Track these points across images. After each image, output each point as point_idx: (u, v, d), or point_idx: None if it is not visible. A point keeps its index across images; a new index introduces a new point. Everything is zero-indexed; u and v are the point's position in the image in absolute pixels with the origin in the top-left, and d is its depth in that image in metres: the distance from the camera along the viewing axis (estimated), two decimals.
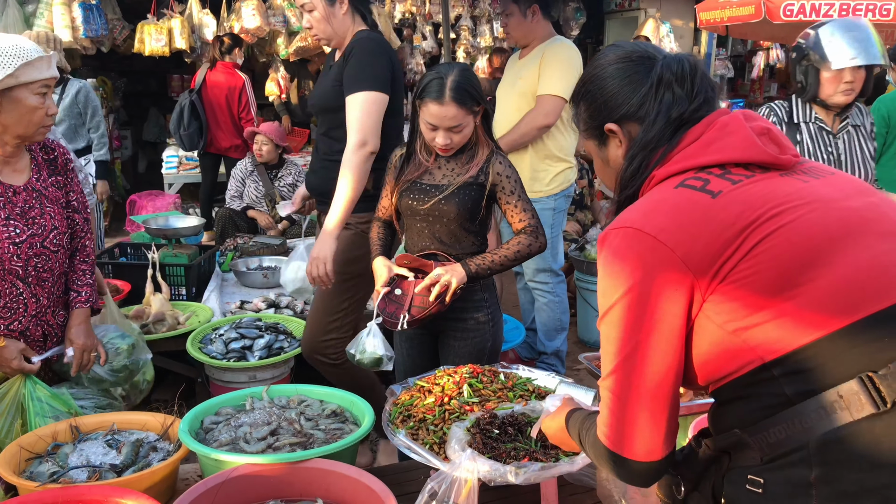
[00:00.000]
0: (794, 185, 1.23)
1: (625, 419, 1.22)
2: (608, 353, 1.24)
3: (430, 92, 2.36)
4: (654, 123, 1.31)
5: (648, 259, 1.19)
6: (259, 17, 6.98)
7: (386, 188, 2.63)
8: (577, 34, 8.64)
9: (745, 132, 1.27)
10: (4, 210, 2.27)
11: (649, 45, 1.41)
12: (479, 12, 8.16)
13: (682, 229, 1.18)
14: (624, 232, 1.23)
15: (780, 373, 1.14)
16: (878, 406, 1.07)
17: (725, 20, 6.03)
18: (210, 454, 1.89)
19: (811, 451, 1.10)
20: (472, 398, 2.02)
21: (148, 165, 10.08)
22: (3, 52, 2.11)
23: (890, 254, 1.15)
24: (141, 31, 6.93)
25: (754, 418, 1.17)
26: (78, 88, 5.17)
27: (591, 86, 1.41)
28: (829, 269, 1.13)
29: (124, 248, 4.63)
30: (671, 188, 1.24)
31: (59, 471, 1.94)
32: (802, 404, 1.11)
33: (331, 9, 2.85)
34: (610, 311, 1.23)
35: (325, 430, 2.10)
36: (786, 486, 1.13)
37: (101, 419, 2.22)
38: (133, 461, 1.98)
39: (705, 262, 1.16)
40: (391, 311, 2.44)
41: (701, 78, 1.33)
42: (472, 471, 1.65)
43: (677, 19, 8.55)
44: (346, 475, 1.83)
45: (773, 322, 1.13)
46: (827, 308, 1.12)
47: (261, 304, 4.07)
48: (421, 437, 1.89)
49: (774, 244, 1.15)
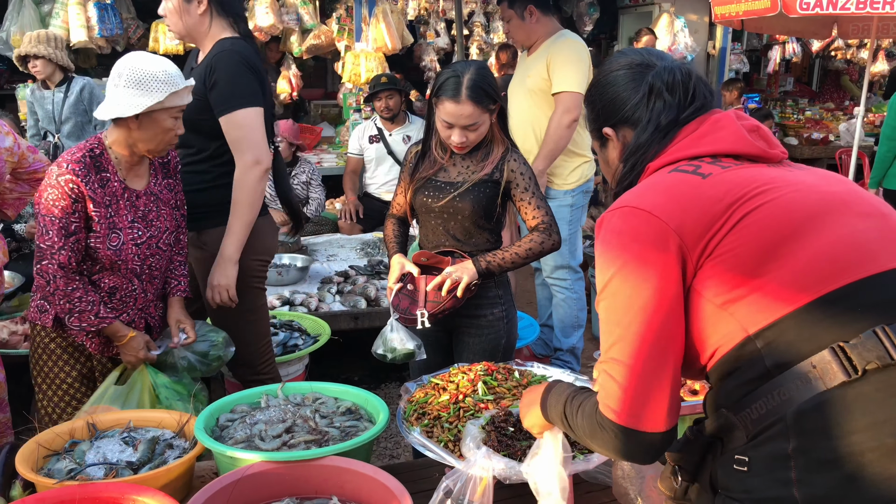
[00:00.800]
0: (780, 172, 1.31)
1: (629, 389, 1.23)
2: (609, 325, 1.27)
3: (446, 90, 2.36)
4: (645, 130, 1.40)
5: (643, 230, 1.24)
6: (272, 15, 6.99)
7: (401, 185, 2.64)
8: (591, 29, 8.60)
9: (735, 127, 1.35)
10: (129, 213, 2.44)
11: (652, 53, 1.49)
12: (492, 8, 8.13)
13: (673, 203, 1.25)
14: (620, 211, 1.29)
15: (762, 344, 1.18)
16: (848, 374, 1.12)
17: (741, 14, 5.98)
18: (225, 452, 1.90)
19: (788, 423, 1.14)
20: (486, 396, 2.02)
21: None
22: (156, 79, 2.30)
23: (867, 231, 1.21)
24: (155, 29, 6.97)
25: (739, 394, 1.20)
26: (82, 85, 5.21)
27: (593, 90, 1.52)
28: (807, 243, 1.19)
29: None
30: (665, 174, 1.33)
31: (76, 468, 1.95)
32: (780, 376, 1.15)
33: (186, 5, 2.71)
34: (608, 284, 1.27)
35: (340, 428, 2.10)
36: (767, 461, 1.16)
37: (117, 416, 2.23)
38: (149, 458, 1.99)
39: (696, 234, 1.22)
40: (405, 306, 2.45)
41: (695, 85, 1.42)
42: (487, 469, 1.64)
43: (692, 14, 8.50)
44: (361, 473, 1.83)
45: (754, 294, 1.18)
46: (804, 280, 1.17)
47: (275, 301, 4.08)
48: (436, 435, 1.89)
49: (758, 219, 1.21)
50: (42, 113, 5.13)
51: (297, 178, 5.74)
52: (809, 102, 9.56)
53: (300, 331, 3.52)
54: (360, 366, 4.47)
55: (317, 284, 4.50)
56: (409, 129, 5.80)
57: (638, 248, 1.24)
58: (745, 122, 1.38)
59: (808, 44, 9.17)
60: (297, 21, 7.31)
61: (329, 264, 4.98)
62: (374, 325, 4.10)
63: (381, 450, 3.62)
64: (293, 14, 7.26)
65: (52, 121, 5.13)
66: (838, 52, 9.45)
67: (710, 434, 1.28)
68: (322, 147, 7.64)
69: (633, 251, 1.24)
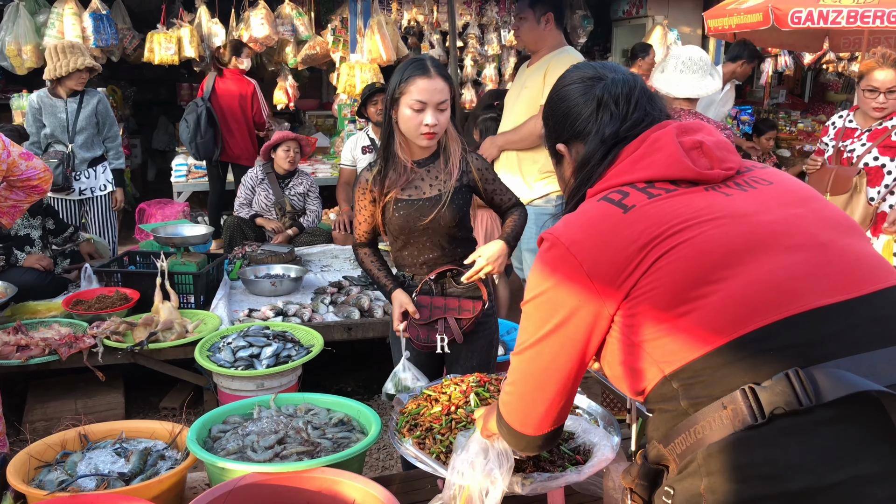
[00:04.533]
0: (712, 200, 1.26)
1: (517, 396, 1.40)
2: (520, 336, 1.38)
3: (415, 70, 2.38)
4: (591, 143, 1.40)
5: (560, 268, 1.28)
6: (268, 26, 7.00)
7: (362, 213, 2.58)
8: (585, 41, 8.64)
9: (671, 148, 1.31)
10: None
11: (606, 66, 1.48)
12: (486, 20, 8.15)
13: (591, 241, 1.26)
14: (547, 238, 1.32)
15: (677, 385, 1.18)
16: (755, 418, 1.08)
17: (733, 27, 6.01)
18: (217, 463, 1.90)
19: (700, 462, 1.13)
20: (478, 407, 2.02)
21: (157, 174, 10.12)
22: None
23: (788, 269, 1.17)
24: (151, 40, 6.97)
25: (666, 428, 1.21)
26: (98, 99, 5.24)
27: (548, 107, 1.51)
28: (723, 285, 1.16)
29: (133, 257, 4.66)
30: (594, 202, 1.32)
31: (67, 479, 1.94)
32: (695, 415, 1.15)
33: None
34: (527, 303, 1.35)
35: (332, 439, 2.10)
36: (686, 496, 1.16)
37: (109, 427, 2.23)
38: (141, 469, 1.99)
39: (609, 276, 1.22)
40: (424, 336, 2.49)
41: (638, 96, 1.40)
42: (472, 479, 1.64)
43: (685, 26, 8.53)
44: (353, 484, 1.83)
45: (668, 337, 1.18)
46: (717, 323, 1.15)
47: (269, 312, 4.08)
48: (428, 447, 1.89)
49: (671, 261, 1.19)
50: (53, 122, 5.11)
51: (295, 189, 5.74)
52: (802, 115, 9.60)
53: (293, 341, 3.51)
54: (353, 377, 4.47)
55: (310, 295, 4.50)
56: None
57: (553, 284, 1.29)
58: (686, 138, 1.34)
59: (800, 56, 9.22)
60: (293, 32, 7.32)
61: (323, 275, 4.98)
62: (367, 335, 4.10)
63: (374, 461, 3.61)
64: (288, 25, 7.28)
65: (66, 130, 5.12)
66: (830, 65, 9.50)
67: (653, 462, 1.28)
68: (317, 157, 7.65)
69: (550, 284, 1.29)
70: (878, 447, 1.06)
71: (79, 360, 3.57)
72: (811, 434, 1.07)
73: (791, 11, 5.32)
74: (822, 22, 5.25)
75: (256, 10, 7.01)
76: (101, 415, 3.64)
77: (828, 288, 1.16)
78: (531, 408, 1.38)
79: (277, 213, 5.67)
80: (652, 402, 1.26)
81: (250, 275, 4.62)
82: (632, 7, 8.82)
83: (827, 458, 1.06)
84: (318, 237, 5.74)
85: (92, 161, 5.27)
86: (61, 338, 3.60)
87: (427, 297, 2.56)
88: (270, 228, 5.59)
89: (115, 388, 3.88)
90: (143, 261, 4.59)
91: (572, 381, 1.34)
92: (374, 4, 7.24)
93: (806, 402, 1.06)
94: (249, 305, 4.28)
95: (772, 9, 5.39)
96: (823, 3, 5.28)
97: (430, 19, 7.93)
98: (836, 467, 1.05)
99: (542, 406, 1.37)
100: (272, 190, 5.66)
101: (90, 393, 3.81)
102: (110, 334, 3.65)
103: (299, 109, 8.88)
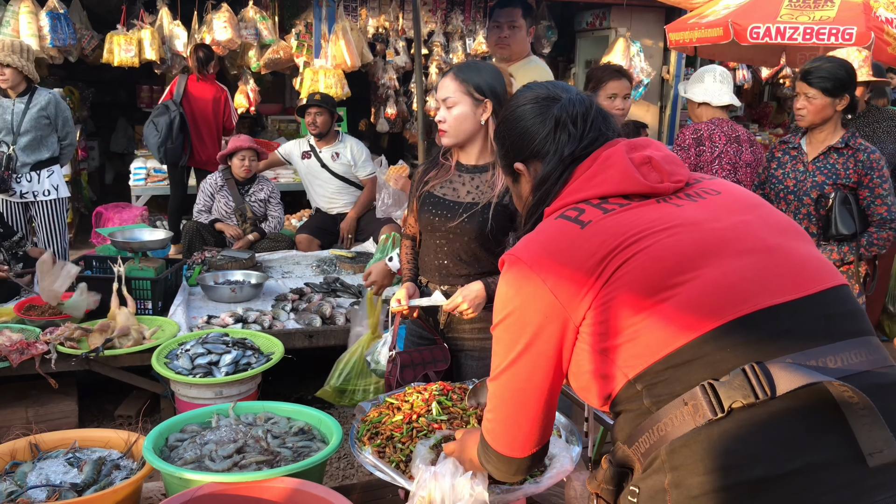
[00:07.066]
0: (664, 211, 1.32)
1: (500, 421, 1.41)
2: (494, 361, 1.40)
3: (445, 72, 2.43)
4: (550, 162, 1.45)
5: (524, 287, 1.32)
6: (230, 30, 6.94)
7: (412, 204, 2.60)
8: (549, 52, 8.72)
9: (622, 165, 1.37)
10: None
11: (558, 85, 1.53)
12: (451, 28, 8.18)
13: (551, 258, 1.30)
14: (510, 259, 1.36)
15: (641, 386, 1.23)
16: (715, 412, 1.13)
17: (694, 41, 6.11)
18: (175, 472, 1.86)
19: (663, 458, 1.17)
20: (440, 416, 2.01)
21: (115, 177, 9.95)
22: None
23: (739, 271, 1.24)
24: (110, 41, 6.85)
25: (630, 429, 1.26)
26: (48, 99, 5.06)
27: (502, 127, 1.56)
28: (680, 289, 1.22)
29: (90, 261, 4.55)
30: (552, 220, 1.37)
31: (17, 490, 1.89)
32: (658, 412, 1.19)
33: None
34: (496, 327, 1.38)
35: (292, 448, 2.08)
36: (651, 493, 1.20)
37: (62, 436, 2.18)
38: (95, 480, 1.95)
39: (572, 290, 1.27)
40: (410, 379, 2.44)
41: (594, 117, 1.46)
42: (433, 489, 1.64)
43: (647, 39, 8.66)
44: (314, 494, 1.81)
45: (630, 342, 1.23)
46: (676, 325, 1.20)
47: (228, 318, 4.02)
48: (388, 455, 1.87)
49: (630, 270, 1.24)
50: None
51: (256, 196, 5.69)
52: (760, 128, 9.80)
53: (253, 349, 3.47)
54: (314, 385, 4.43)
55: (271, 302, 4.45)
56: (338, 147, 5.89)
57: (519, 303, 1.32)
58: (635, 154, 1.40)
59: (758, 71, 9.42)
60: (256, 36, 7.26)
61: (284, 281, 4.94)
62: (328, 343, 4.06)
63: (334, 470, 3.58)
64: (252, 29, 7.22)
65: (10, 132, 4.98)
66: (787, 79, 9.72)
67: (618, 465, 1.32)
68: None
69: (516, 304, 1.33)
70: (831, 435, 1.12)
71: (31, 366, 3.47)
72: (768, 425, 1.12)
73: (750, 27, 5.43)
74: (779, 38, 5.36)
75: (219, 14, 6.96)
76: (53, 423, 3.55)
77: (778, 288, 1.22)
78: (516, 430, 1.40)
79: (238, 220, 5.61)
80: (618, 404, 1.29)
81: (210, 280, 4.56)
82: (595, 19, 8.92)
83: (784, 447, 1.11)
84: (280, 243, 5.69)
85: (36, 164, 5.11)
86: (12, 344, 3.50)
87: (408, 356, 2.52)
88: (230, 235, 5.52)
89: (68, 395, 3.80)
90: (100, 265, 4.49)
91: (551, 396, 1.36)
92: (339, 10, 7.22)
93: (762, 394, 1.12)
94: (208, 312, 4.22)
95: (731, 24, 5.50)
96: (781, 19, 5.40)
97: (395, 26, 7.94)
98: (792, 456, 1.11)
99: (526, 426, 1.38)
100: (232, 196, 5.60)
101: (42, 401, 3.72)
102: (64, 340, 3.57)
103: (261, 114, 8.81)
